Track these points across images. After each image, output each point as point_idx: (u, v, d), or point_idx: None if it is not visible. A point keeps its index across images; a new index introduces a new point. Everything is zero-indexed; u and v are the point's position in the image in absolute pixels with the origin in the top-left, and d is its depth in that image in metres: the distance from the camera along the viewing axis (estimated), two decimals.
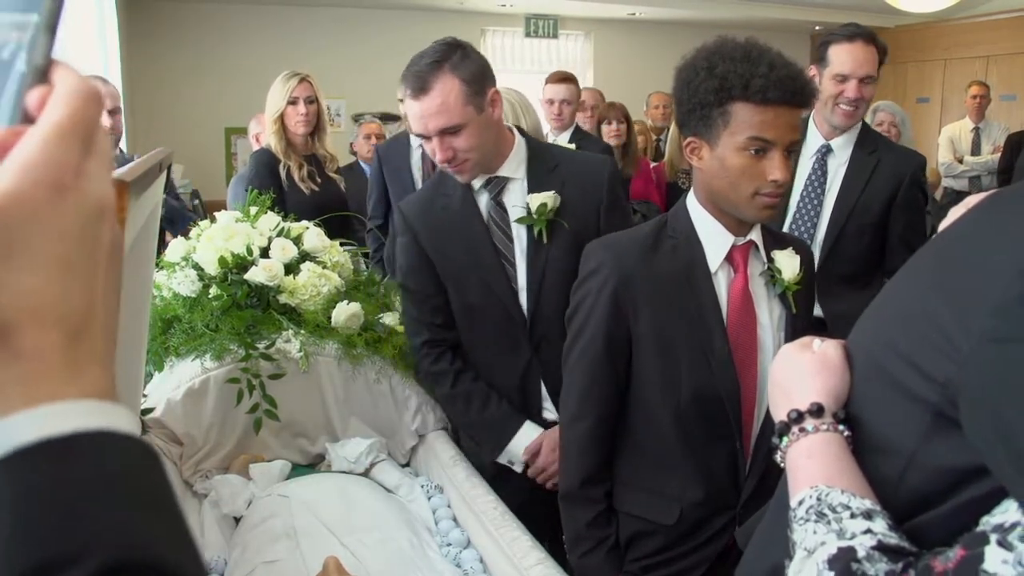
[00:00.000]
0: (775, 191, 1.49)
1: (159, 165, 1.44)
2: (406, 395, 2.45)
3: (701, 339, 1.56)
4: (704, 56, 1.48)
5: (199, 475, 2.29)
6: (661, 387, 1.59)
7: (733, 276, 1.60)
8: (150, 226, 1.63)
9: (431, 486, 2.28)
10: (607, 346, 1.59)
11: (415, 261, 2.06)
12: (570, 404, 1.69)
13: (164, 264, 2.46)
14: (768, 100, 1.43)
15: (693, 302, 1.56)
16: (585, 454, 1.67)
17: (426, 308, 2.08)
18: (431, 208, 2.05)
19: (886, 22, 8.66)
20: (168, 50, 7.25)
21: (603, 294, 1.57)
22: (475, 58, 1.90)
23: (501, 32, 8.45)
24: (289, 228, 2.58)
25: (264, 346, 2.30)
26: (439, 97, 1.82)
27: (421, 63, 1.86)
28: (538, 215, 1.93)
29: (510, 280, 1.99)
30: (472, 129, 1.86)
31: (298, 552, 1.87)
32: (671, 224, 1.62)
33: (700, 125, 1.50)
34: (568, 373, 1.68)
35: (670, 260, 1.58)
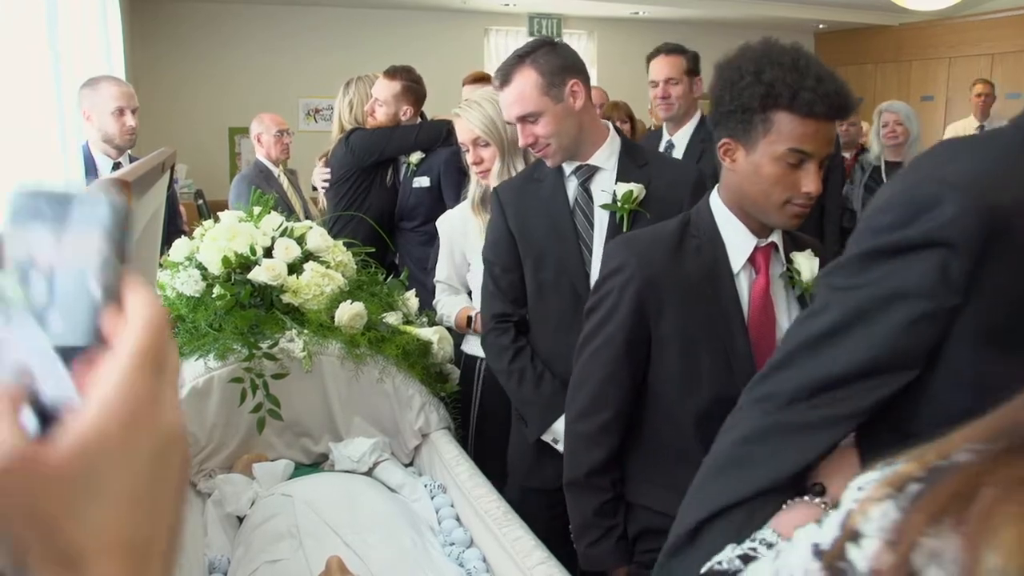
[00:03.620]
0: (807, 202, 1.50)
1: (162, 165, 1.44)
2: (409, 395, 2.45)
3: (723, 340, 1.57)
4: (752, 59, 1.46)
5: (203, 474, 2.30)
6: (681, 387, 1.60)
7: (754, 277, 1.61)
8: (153, 225, 1.63)
9: (434, 486, 2.28)
10: (627, 346, 1.61)
11: (499, 235, 2.16)
12: (580, 399, 1.71)
13: (167, 264, 2.46)
14: (813, 114, 1.43)
15: (716, 303, 1.57)
16: (593, 448, 1.70)
17: (503, 281, 2.17)
18: (523, 189, 2.16)
19: (890, 20, 8.65)
20: (172, 50, 7.26)
21: (626, 293, 1.58)
22: (560, 53, 2.03)
23: (504, 32, 8.45)
24: (292, 228, 2.58)
25: (267, 346, 2.31)
26: (517, 88, 1.99)
27: (510, 58, 2.04)
28: (623, 202, 2.00)
29: (584, 264, 2.06)
30: (549, 117, 1.99)
31: (301, 551, 1.87)
32: (694, 223, 1.63)
33: (738, 128, 1.49)
34: (581, 366, 1.70)
35: (693, 260, 1.58)
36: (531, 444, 2.15)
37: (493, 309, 2.20)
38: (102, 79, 3.31)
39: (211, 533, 2.07)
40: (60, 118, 2.51)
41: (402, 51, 7.72)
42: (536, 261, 2.11)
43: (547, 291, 2.11)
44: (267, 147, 4.41)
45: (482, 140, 2.40)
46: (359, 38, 7.79)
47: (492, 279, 2.20)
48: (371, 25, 7.88)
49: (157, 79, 6.96)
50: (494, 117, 2.37)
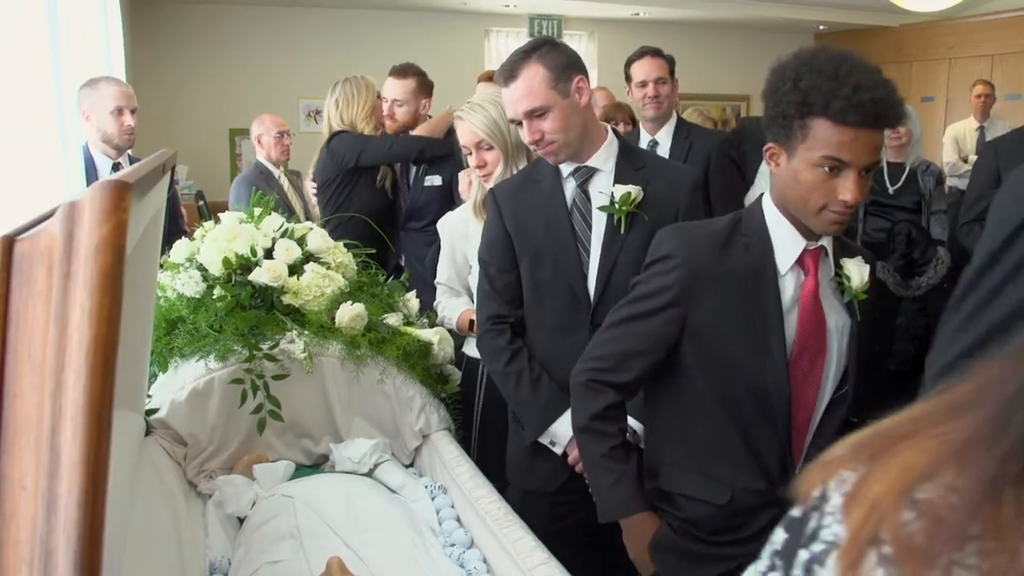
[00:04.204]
0: (843, 210, 1.51)
1: (163, 166, 1.44)
2: (410, 395, 2.45)
3: (758, 338, 1.59)
4: (794, 65, 1.48)
5: (203, 475, 2.29)
6: (714, 379, 1.63)
7: (803, 279, 1.62)
8: (154, 227, 1.63)
9: (435, 486, 2.28)
10: (662, 324, 1.64)
11: (495, 236, 2.15)
12: (602, 353, 1.72)
13: (168, 265, 2.46)
14: (847, 121, 1.43)
15: (757, 300, 1.59)
16: (599, 395, 1.71)
17: (498, 282, 2.16)
18: (521, 189, 2.16)
19: (890, 21, 8.65)
20: (172, 52, 7.26)
21: (670, 279, 1.61)
22: (563, 50, 2.03)
23: (505, 33, 8.44)
24: (293, 229, 2.58)
25: (268, 347, 2.31)
26: (524, 83, 1.97)
27: (514, 55, 2.03)
28: (621, 203, 2.01)
29: (582, 264, 2.06)
30: (557, 112, 1.98)
31: (302, 552, 1.87)
32: (745, 222, 1.65)
33: (780, 133, 1.51)
34: (614, 327, 1.71)
35: (740, 258, 1.60)
36: (528, 447, 2.14)
37: (488, 310, 2.19)
38: (102, 79, 3.31)
39: (212, 534, 2.07)
40: (60, 119, 2.51)
41: (403, 52, 7.70)
42: (533, 261, 2.10)
43: (544, 292, 2.11)
44: (267, 148, 4.41)
45: (485, 143, 2.39)
46: (360, 39, 7.78)
47: (488, 280, 2.18)
48: (371, 26, 7.87)
49: (157, 80, 6.96)
50: (497, 119, 2.36)
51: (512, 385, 2.13)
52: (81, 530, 0.67)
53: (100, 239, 0.70)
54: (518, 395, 2.13)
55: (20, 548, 0.68)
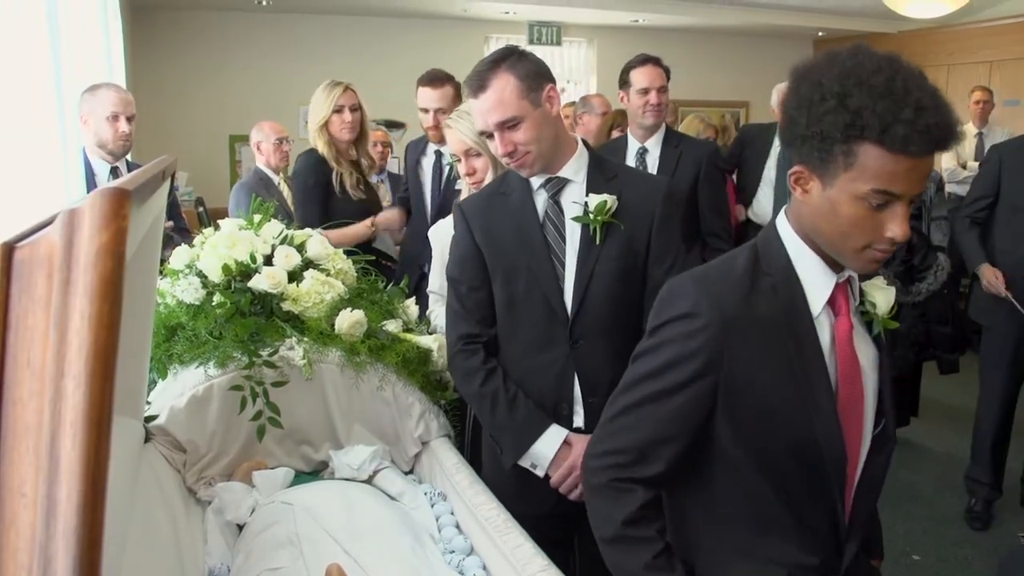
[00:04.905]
0: (889, 248, 1.30)
1: (162, 173, 1.44)
2: (409, 402, 2.45)
3: (803, 394, 1.35)
4: (837, 78, 1.23)
5: (202, 482, 2.29)
6: (752, 445, 1.38)
7: (834, 319, 1.40)
8: (154, 234, 1.63)
9: (434, 493, 2.28)
10: (690, 403, 1.37)
11: (464, 253, 2.11)
12: (615, 444, 1.43)
13: (168, 272, 2.46)
14: (908, 151, 1.20)
15: (796, 352, 1.35)
16: (627, 495, 1.41)
17: (469, 301, 2.11)
18: (490, 203, 2.12)
19: (889, 27, 8.67)
20: (172, 58, 7.27)
21: (695, 344, 1.34)
22: (531, 59, 1.99)
23: (504, 40, 8.46)
24: (292, 236, 2.58)
25: (267, 353, 2.31)
26: (495, 93, 1.93)
27: (481, 66, 1.98)
28: (595, 213, 1.97)
29: (557, 278, 2.02)
30: (529, 123, 1.94)
31: (301, 559, 1.87)
32: (764, 258, 1.41)
33: (814, 157, 1.27)
34: (624, 412, 1.43)
35: (769, 302, 1.36)
36: (509, 470, 2.09)
37: (459, 330, 2.13)
38: (103, 85, 3.32)
39: (211, 541, 2.06)
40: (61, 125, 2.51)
41: (402, 59, 7.74)
42: (507, 275, 2.06)
43: (519, 307, 2.06)
44: (267, 155, 4.42)
45: (474, 150, 2.38)
46: (360, 46, 7.80)
47: (458, 299, 2.13)
48: (371, 33, 7.89)
49: (157, 86, 6.97)
50: None
51: (488, 408, 2.08)
52: (80, 536, 0.67)
53: (100, 246, 0.70)
54: (494, 418, 2.08)
55: (19, 555, 0.68)
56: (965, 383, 4.73)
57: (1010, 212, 3.74)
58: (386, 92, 7.17)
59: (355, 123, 3.50)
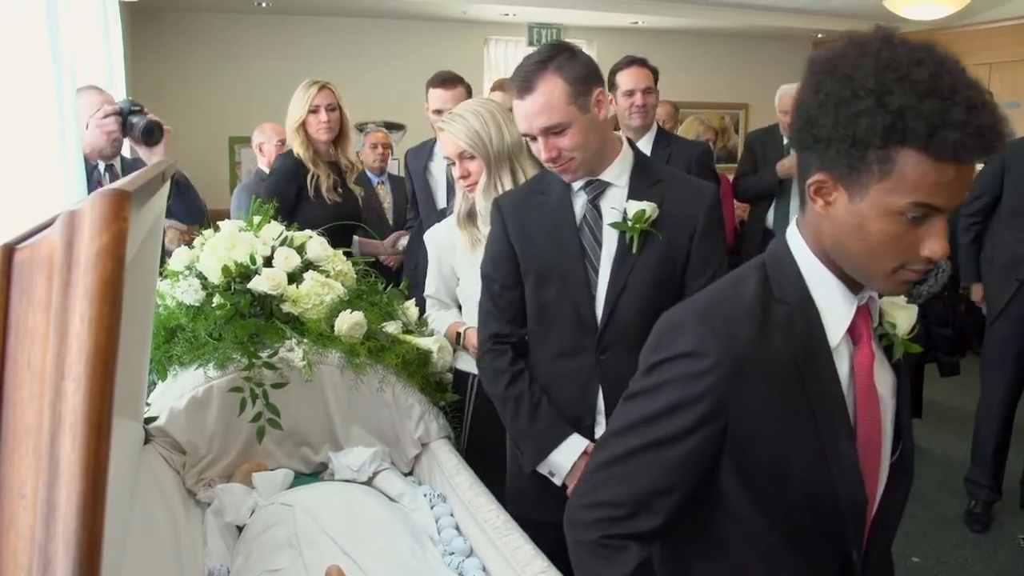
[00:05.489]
0: (924, 268, 1.13)
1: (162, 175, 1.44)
2: (409, 404, 2.45)
3: (822, 442, 1.18)
4: (871, 72, 1.05)
5: (202, 484, 2.29)
6: (762, 496, 1.22)
7: (853, 349, 1.22)
8: (153, 236, 1.64)
9: (434, 495, 2.28)
10: (693, 451, 1.19)
11: (499, 251, 2.06)
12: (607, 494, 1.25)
13: (168, 273, 2.47)
14: (958, 158, 1.02)
15: (813, 390, 1.18)
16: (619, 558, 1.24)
17: (501, 301, 2.07)
18: (526, 203, 2.05)
19: None
20: (172, 60, 7.27)
21: (701, 386, 1.16)
22: (582, 59, 1.89)
23: (504, 41, 8.46)
24: (292, 237, 2.59)
25: (267, 355, 2.31)
26: (542, 96, 1.84)
27: (528, 64, 1.88)
28: (634, 221, 1.90)
29: (590, 284, 1.95)
30: (576, 129, 1.86)
31: (301, 561, 1.87)
32: (775, 282, 1.22)
33: (840, 163, 1.08)
34: (618, 460, 1.25)
35: (784, 336, 1.17)
36: (530, 475, 2.05)
37: (489, 329, 2.09)
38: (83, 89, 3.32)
39: (210, 542, 2.06)
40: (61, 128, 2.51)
41: (402, 61, 7.74)
42: (538, 279, 2.01)
43: (549, 312, 2.01)
44: (268, 156, 4.42)
45: (468, 153, 2.35)
46: (360, 48, 7.80)
47: (490, 297, 2.09)
48: (371, 35, 7.89)
49: (157, 88, 6.97)
50: (479, 129, 2.32)
51: (511, 411, 2.04)
52: (80, 538, 0.67)
53: (100, 248, 0.70)
54: (516, 422, 2.03)
55: (19, 556, 0.68)
56: (965, 385, 4.74)
57: (1011, 215, 3.75)
58: (386, 94, 7.18)
59: (332, 123, 3.41)
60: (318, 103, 3.37)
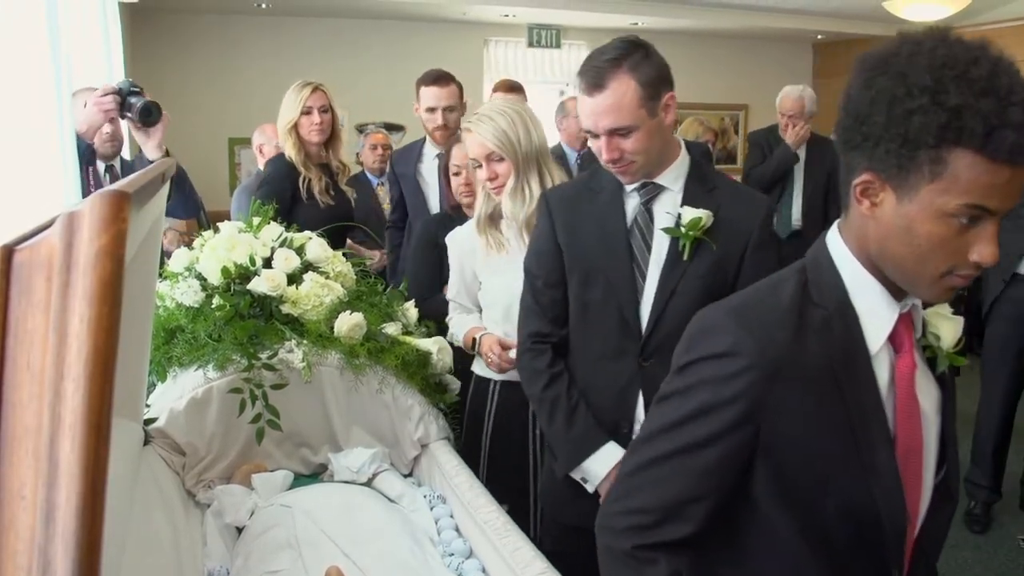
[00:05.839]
0: (973, 273, 1.09)
1: (161, 176, 1.45)
2: (408, 405, 2.45)
3: (860, 452, 1.14)
4: (927, 69, 1.02)
5: (202, 485, 2.29)
6: (795, 510, 1.17)
7: (894, 357, 1.17)
8: (153, 237, 1.64)
9: (433, 496, 2.28)
10: (725, 457, 1.16)
11: (545, 247, 2.00)
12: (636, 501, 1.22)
13: (167, 274, 2.47)
14: (1015, 160, 0.99)
15: (852, 399, 1.13)
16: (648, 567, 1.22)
17: (544, 297, 2.01)
18: (577, 199, 1.99)
19: (888, 31, 8.65)
20: (172, 61, 7.27)
21: (734, 388, 1.12)
22: (655, 60, 1.83)
23: (504, 42, 8.46)
24: (292, 238, 2.59)
25: (267, 356, 2.31)
26: (613, 96, 1.78)
27: (601, 58, 1.81)
28: (688, 228, 1.85)
29: (636, 288, 1.89)
30: (642, 133, 1.81)
31: (300, 562, 1.87)
32: (814, 285, 1.17)
33: (890, 163, 1.04)
34: (647, 465, 1.21)
35: (821, 341, 1.13)
36: (563, 478, 1.99)
37: (530, 327, 2.03)
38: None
39: (210, 543, 2.06)
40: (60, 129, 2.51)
41: (402, 62, 7.74)
42: (583, 278, 1.95)
43: (593, 313, 1.95)
44: (268, 157, 4.41)
45: (496, 155, 2.29)
46: (359, 48, 7.80)
47: (532, 294, 2.03)
48: (371, 36, 7.89)
49: (157, 89, 6.93)
50: (507, 130, 2.27)
51: (547, 413, 1.98)
52: (79, 539, 0.67)
53: (99, 249, 0.70)
54: (551, 425, 1.98)
55: (18, 557, 0.68)
56: (966, 386, 4.72)
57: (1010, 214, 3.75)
58: (386, 95, 7.17)
59: (325, 125, 3.38)
60: (311, 105, 3.35)
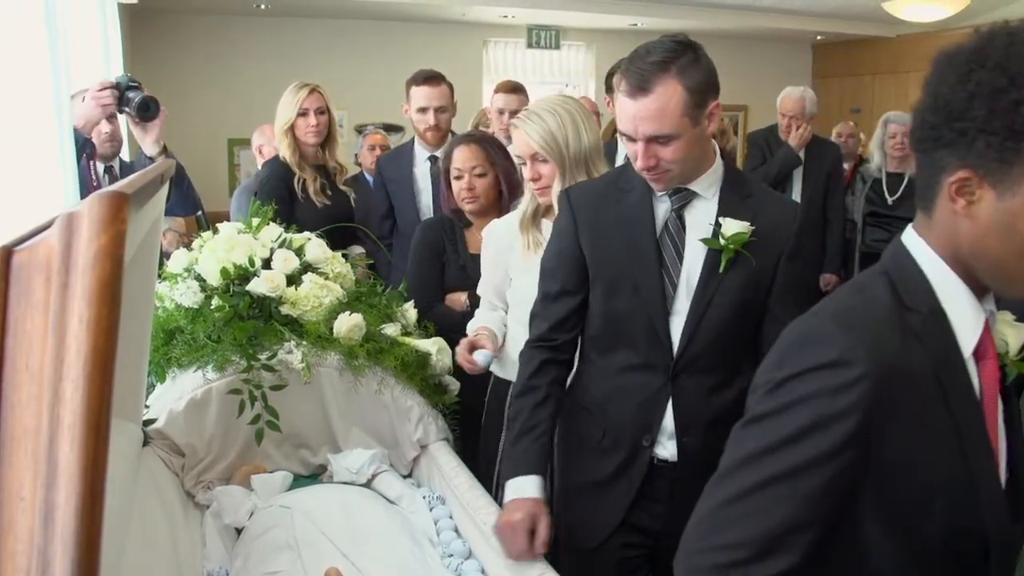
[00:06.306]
0: None
1: (161, 177, 1.45)
2: (408, 406, 2.45)
3: (969, 462, 1.06)
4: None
5: (201, 486, 2.29)
6: (902, 531, 1.07)
7: (978, 365, 1.11)
8: (152, 237, 1.64)
9: (433, 497, 2.28)
10: (835, 478, 1.03)
11: (564, 249, 1.89)
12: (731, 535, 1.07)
13: (166, 275, 2.46)
14: None
15: (956, 408, 1.06)
16: None
17: (557, 305, 1.90)
18: (603, 200, 1.88)
19: (887, 31, 8.68)
20: (171, 61, 7.27)
21: (846, 401, 1.01)
22: (704, 64, 1.72)
23: (503, 43, 8.47)
24: (291, 239, 2.58)
25: (266, 357, 2.30)
26: (657, 102, 1.66)
27: (647, 59, 1.68)
28: (729, 241, 1.75)
29: (666, 299, 1.79)
30: (683, 141, 1.69)
31: (299, 563, 1.87)
32: (904, 289, 1.10)
33: (990, 157, 1.00)
34: (743, 495, 1.07)
35: (921, 346, 1.06)
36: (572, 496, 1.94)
37: (536, 331, 1.94)
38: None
39: (209, 544, 2.06)
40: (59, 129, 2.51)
41: (402, 62, 7.71)
42: (609, 286, 1.84)
43: (618, 323, 1.84)
44: (268, 158, 4.41)
45: (541, 156, 2.19)
46: (358, 49, 7.80)
47: (545, 298, 1.93)
48: (369, 37, 7.89)
49: (156, 90, 6.89)
50: (555, 131, 2.17)
51: (512, 416, 1.93)
52: (78, 540, 0.67)
53: (98, 249, 0.70)
54: (508, 433, 1.94)
55: (17, 559, 0.68)
56: None
57: None
58: (385, 95, 7.16)
59: (321, 127, 3.37)
60: (307, 106, 3.35)
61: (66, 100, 2.54)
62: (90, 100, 2.74)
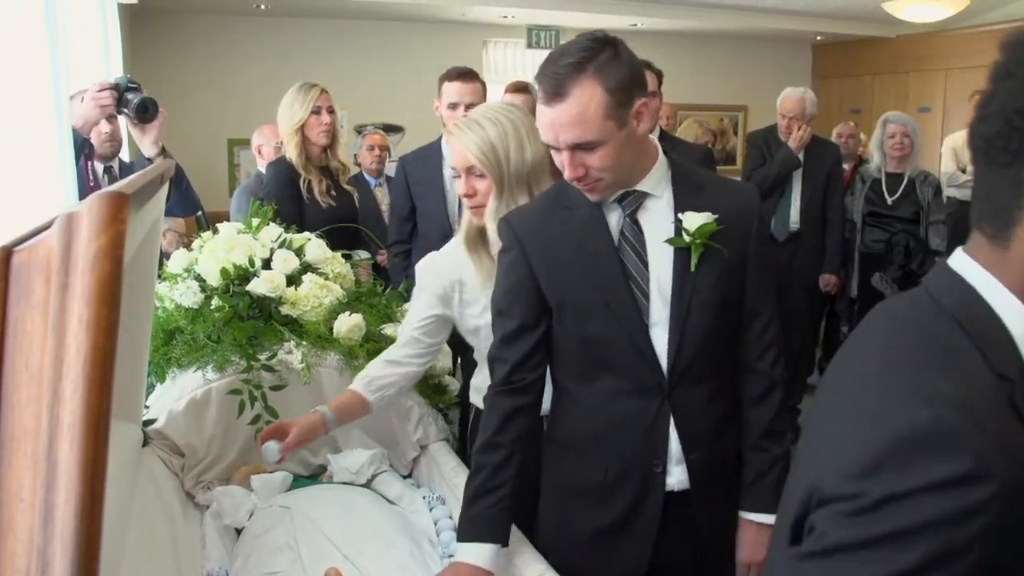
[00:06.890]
0: None
1: (160, 177, 1.44)
2: (408, 406, 2.45)
3: None
4: None
5: (201, 486, 2.29)
6: None
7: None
8: (152, 238, 1.64)
9: (433, 497, 2.28)
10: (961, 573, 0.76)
11: (516, 281, 1.72)
12: None
13: (166, 275, 2.46)
14: None
15: None
16: None
17: (518, 343, 1.73)
18: (548, 222, 1.72)
19: (887, 32, 8.68)
20: (171, 61, 7.28)
21: (976, 527, 0.73)
22: (625, 60, 1.57)
23: (503, 43, 8.47)
24: (291, 239, 2.58)
25: (266, 357, 2.31)
26: (576, 107, 1.52)
27: (561, 62, 1.54)
28: (696, 236, 1.63)
29: (641, 312, 1.65)
30: (610, 147, 1.56)
31: (299, 563, 1.87)
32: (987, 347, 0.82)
33: None
34: None
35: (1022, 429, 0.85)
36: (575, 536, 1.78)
37: (497, 374, 1.76)
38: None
39: (209, 545, 2.06)
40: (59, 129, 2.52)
41: (402, 63, 7.75)
42: (577, 313, 1.69)
43: (597, 349, 1.70)
44: (268, 158, 4.41)
45: (477, 170, 1.95)
46: (358, 49, 7.80)
47: (503, 337, 1.75)
48: (369, 37, 7.89)
49: (156, 90, 6.90)
50: (495, 143, 1.93)
51: (472, 471, 1.76)
52: (78, 541, 0.67)
53: (98, 250, 0.70)
54: (466, 487, 1.76)
55: (17, 559, 0.68)
56: None
57: None
58: (385, 96, 7.18)
59: (331, 126, 3.36)
60: (319, 104, 3.34)
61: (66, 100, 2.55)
62: (89, 101, 2.74)
